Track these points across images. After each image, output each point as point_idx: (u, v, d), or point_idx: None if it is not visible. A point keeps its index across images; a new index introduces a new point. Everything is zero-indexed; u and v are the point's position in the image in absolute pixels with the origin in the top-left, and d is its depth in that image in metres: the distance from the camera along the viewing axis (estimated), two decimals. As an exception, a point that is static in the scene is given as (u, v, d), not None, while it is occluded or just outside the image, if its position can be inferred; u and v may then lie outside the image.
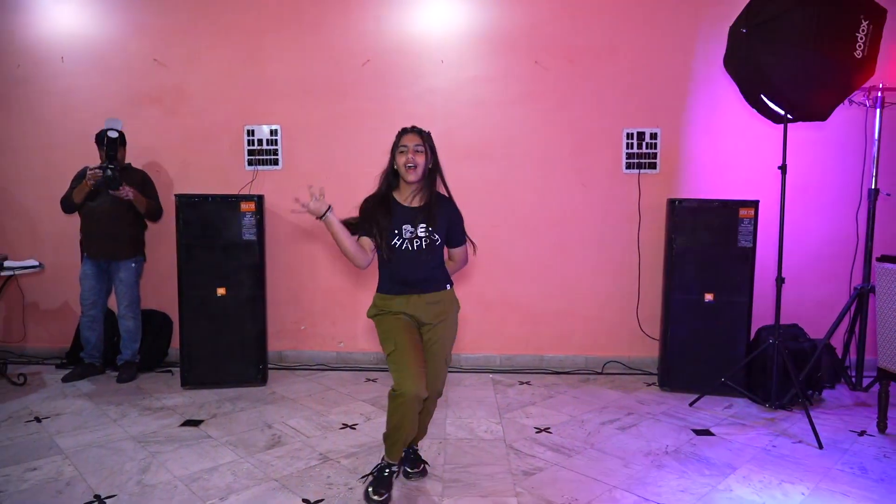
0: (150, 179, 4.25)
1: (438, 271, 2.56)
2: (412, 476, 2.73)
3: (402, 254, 2.46)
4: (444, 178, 2.55)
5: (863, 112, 4.07)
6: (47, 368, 4.43)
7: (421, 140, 2.46)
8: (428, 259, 2.49)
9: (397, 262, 2.47)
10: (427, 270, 2.51)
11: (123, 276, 4.13)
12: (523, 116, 4.39)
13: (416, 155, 2.44)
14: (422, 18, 4.37)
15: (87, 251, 4.11)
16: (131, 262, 4.16)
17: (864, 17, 3.05)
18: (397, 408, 2.41)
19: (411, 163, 2.43)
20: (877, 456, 2.99)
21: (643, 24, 4.28)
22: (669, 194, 4.27)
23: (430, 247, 2.48)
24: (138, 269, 4.22)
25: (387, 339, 2.49)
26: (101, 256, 4.09)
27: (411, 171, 2.44)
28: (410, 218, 2.47)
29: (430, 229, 2.46)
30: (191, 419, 3.45)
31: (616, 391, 4.00)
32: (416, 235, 2.46)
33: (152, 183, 4.25)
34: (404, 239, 2.46)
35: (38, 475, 2.74)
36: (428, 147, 2.47)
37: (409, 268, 2.48)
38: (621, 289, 4.44)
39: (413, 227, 2.46)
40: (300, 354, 4.61)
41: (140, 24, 4.48)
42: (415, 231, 2.46)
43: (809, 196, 4.29)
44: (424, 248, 2.47)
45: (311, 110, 4.45)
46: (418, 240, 2.46)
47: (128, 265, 4.14)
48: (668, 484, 2.69)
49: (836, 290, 4.30)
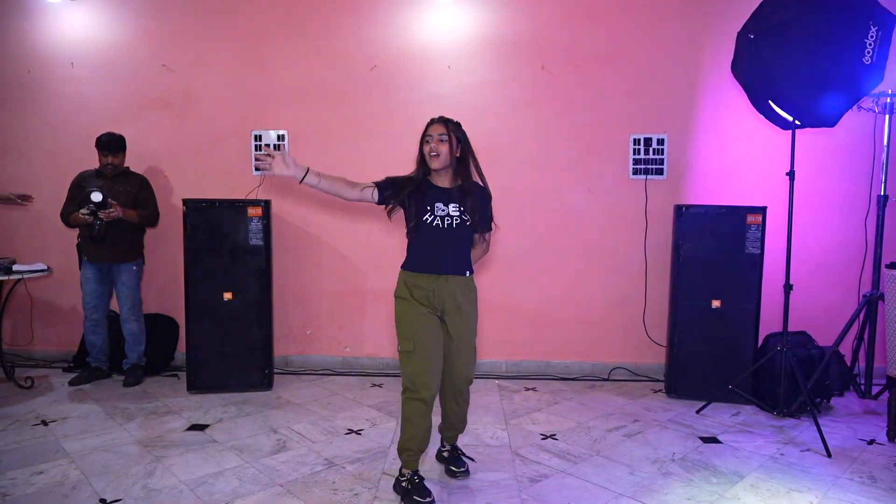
0: (149, 185, 4.25)
1: (465, 255, 2.64)
2: (458, 475, 2.77)
3: (434, 230, 2.53)
4: (478, 166, 2.64)
5: (871, 118, 4.05)
6: (54, 372, 4.45)
7: (445, 129, 2.55)
8: (458, 238, 2.57)
9: (428, 238, 2.54)
10: (456, 250, 2.59)
11: (125, 279, 4.14)
12: (530, 121, 4.39)
13: (440, 144, 2.53)
14: (428, 24, 4.38)
15: (86, 255, 4.11)
16: (132, 265, 4.17)
17: (872, 23, 3.04)
18: (414, 411, 2.47)
19: (434, 151, 2.53)
20: (886, 465, 2.96)
21: (650, 29, 4.28)
22: (676, 200, 4.25)
23: (462, 226, 2.56)
24: (139, 271, 4.23)
25: (405, 332, 2.53)
26: (102, 260, 4.10)
27: (434, 160, 2.54)
28: (444, 197, 2.57)
29: (462, 209, 2.55)
30: (196, 423, 3.45)
31: (622, 398, 3.98)
32: (448, 214, 2.54)
33: (150, 188, 4.25)
34: (436, 216, 2.53)
35: (44, 479, 2.75)
36: (455, 137, 2.56)
37: (435, 244, 2.55)
38: (628, 295, 4.42)
39: (445, 205, 2.55)
40: (306, 359, 4.62)
41: (149, 29, 4.51)
42: (447, 210, 2.54)
43: (818, 202, 4.27)
44: (455, 227, 2.55)
45: (318, 115, 4.47)
46: (450, 218, 2.54)
47: (129, 268, 4.15)
48: (675, 492, 2.67)
49: (845, 298, 4.27)
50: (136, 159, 4.51)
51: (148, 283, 4.61)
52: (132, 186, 4.13)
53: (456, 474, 2.78)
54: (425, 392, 2.46)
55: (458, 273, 2.59)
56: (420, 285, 2.55)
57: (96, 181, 4.08)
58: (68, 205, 4.09)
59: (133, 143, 4.50)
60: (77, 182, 4.14)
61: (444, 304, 2.57)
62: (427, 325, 2.52)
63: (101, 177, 4.11)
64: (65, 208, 4.10)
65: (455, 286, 2.58)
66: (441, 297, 2.55)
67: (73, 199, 4.06)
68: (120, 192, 4.07)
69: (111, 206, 3.89)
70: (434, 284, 2.54)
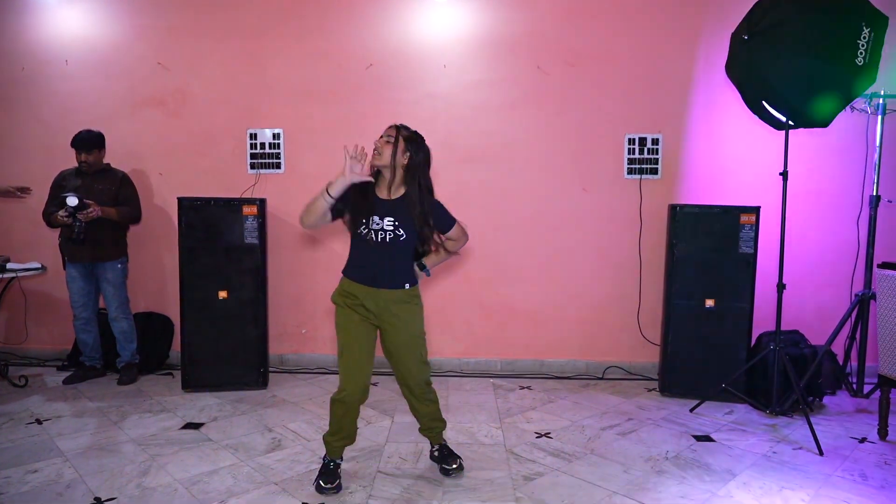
0: (129, 181, 4.21)
1: (402, 268, 2.60)
2: (451, 472, 2.79)
3: (366, 243, 2.51)
4: (423, 181, 2.53)
5: (864, 119, 4.08)
6: (48, 370, 4.43)
7: (395, 133, 2.52)
8: (390, 253, 2.53)
9: (360, 250, 2.56)
10: (387, 264, 2.55)
11: (110, 278, 4.12)
12: (525, 121, 4.40)
13: (385, 144, 2.51)
14: (424, 23, 4.38)
15: (68, 256, 4.08)
16: (116, 262, 4.15)
17: (865, 24, 3.05)
18: (336, 409, 2.59)
19: (377, 149, 2.52)
20: (877, 463, 2.99)
21: (645, 29, 4.30)
22: (671, 200, 4.28)
23: (394, 242, 2.51)
24: (124, 269, 4.21)
25: (338, 335, 2.60)
26: (84, 260, 4.07)
27: (375, 156, 2.52)
28: (381, 210, 2.52)
29: (397, 223, 2.50)
30: (191, 422, 3.45)
31: (617, 396, 4.00)
32: (381, 228, 2.50)
33: (131, 185, 4.21)
34: (371, 229, 2.50)
35: (38, 477, 2.74)
36: (403, 141, 2.50)
37: (369, 257, 2.54)
38: (622, 294, 4.44)
39: (381, 218, 2.51)
40: (301, 358, 4.62)
41: (144, 27, 4.50)
42: (381, 224, 2.50)
43: (811, 202, 4.29)
44: (388, 242, 2.51)
45: (313, 114, 4.46)
46: (383, 232, 2.50)
47: (114, 266, 4.13)
48: (668, 490, 2.68)
49: (837, 297, 4.30)
50: (130, 157, 4.51)
51: (142, 282, 4.60)
52: (112, 184, 4.10)
53: (449, 472, 2.79)
54: (347, 395, 2.54)
55: (395, 287, 2.57)
56: (354, 294, 2.57)
57: (76, 180, 4.06)
58: (49, 204, 4.07)
59: (128, 141, 4.51)
60: (57, 182, 4.12)
61: (380, 315, 2.57)
62: (355, 331, 2.57)
63: (81, 175, 4.08)
64: (46, 208, 4.08)
65: (390, 299, 2.56)
66: (377, 308, 2.55)
67: (55, 199, 4.04)
68: (99, 190, 4.05)
69: (89, 206, 3.87)
70: (367, 296, 2.55)
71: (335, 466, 2.68)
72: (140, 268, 4.57)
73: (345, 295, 2.60)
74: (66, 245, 4.05)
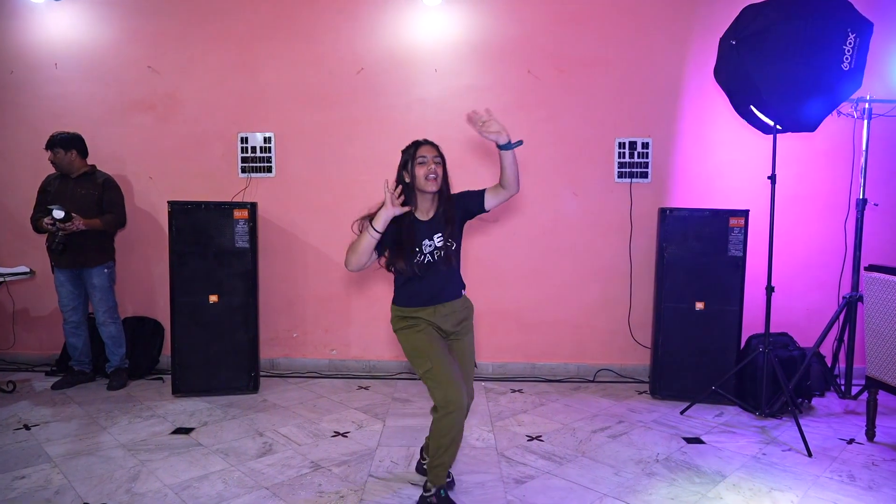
0: (113, 185, 4.17)
1: (456, 277, 2.60)
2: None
3: (425, 268, 2.48)
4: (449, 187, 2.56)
5: (851, 123, 4.12)
6: (37, 376, 4.39)
7: (437, 152, 2.48)
8: (447, 266, 2.52)
9: (419, 276, 2.48)
10: (447, 278, 2.54)
11: (97, 282, 4.10)
12: (516, 125, 4.35)
13: (437, 166, 2.44)
14: (415, 28, 4.40)
15: (55, 262, 4.05)
16: (103, 267, 4.12)
17: (850, 30, 3.10)
18: (452, 425, 2.38)
19: (433, 174, 2.42)
20: (865, 464, 3.02)
21: (635, 35, 4.33)
22: (661, 203, 4.30)
23: (447, 255, 2.50)
24: (111, 274, 4.19)
25: (418, 355, 2.46)
26: (70, 266, 4.04)
27: (432, 182, 2.43)
28: (427, 232, 2.48)
29: (445, 236, 2.49)
30: (181, 427, 3.43)
31: (607, 399, 4.01)
32: (434, 247, 2.48)
33: (115, 189, 4.17)
34: (425, 254, 2.47)
35: (26, 483, 2.72)
36: (443, 158, 2.50)
37: (428, 279, 2.50)
38: (613, 297, 4.46)
39: (430, 239, 2.48)
40: (292, 362, 4.60)
41: (134, 31, 4.49)
42: (433, 243, 2.48)
43: (798, 206, 4.33)
44: (444, 258, 2.50)
45: (305, 118, 4.46)
46: (438, 251, 2.48)
47: (100, 271, 4.11)
48: (659, 492, 2.70)
49: (825, 299, 4.34)
50: (120, 161, 4.50)
51: (132, 286, 4.58)
52: (94, 188, 4.07)
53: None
54: (458, 403, 2.36)
55: (456, 297, 2.58)
56: (416, 316, 2.52)
57: (60, 184, 4.03)
58: (36, 210, 4.05)
59: (118, 145, 4.50)
60: (43, 187, 4.10)
61: (447, 327, 2.55)
62: (434, 340, 2.49)
63: (64, 178, 4.06)
64: (34, 213, 4.06)
65: (453, 309, 2.56)
66: (443, 322, 2.53)
67: (41, 204, 4.03)
68: (82, 194, 4.03)
69: (74, 219, 3.86)
70: (434, 315, 2.52)
71: (446, 495, 2.49)
72: (128, 272, 4.55)
73: (406, 318, 2.53)
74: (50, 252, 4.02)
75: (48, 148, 4.00)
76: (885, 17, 4.05)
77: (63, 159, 4.03)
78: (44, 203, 4.00)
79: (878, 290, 3.18)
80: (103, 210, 4.08)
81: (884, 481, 2.82)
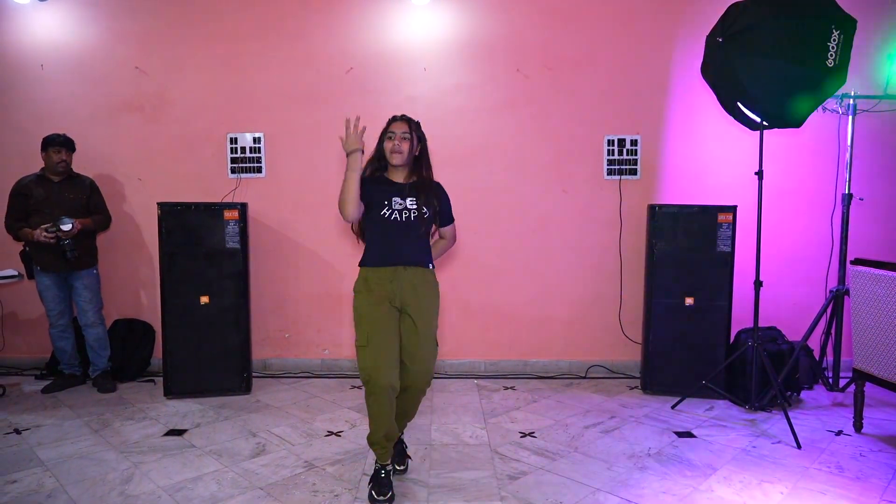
0: (98, 188, 4.18)
1: (425, 247, 2.66)
2: (398, 472, 2.79)
3: (391, 224, 2.56)
4: (429, 166, 2.71)
5: (836, 119, 4.17)
6: (26, 379, 4.36)
7: (408, 128, 2.61)
8: (415, 231, 2.58)
9: (385, 232, 2.57)
10: (413, 242, 2.59)
11: (87, 283, 4.07)
12: (505, 123, 4.43)
13: (402, 142, 2.59)
14: (404, 27, 4.40)
15: (40, 265, 3.99)
16: (92, 269, 4.11)
17: (835, 26, 3.13)
18: (371, 403, 2.48)
19: (397, 149, 2.58)
20: (853, 455, 3.06)
21: (622, 32, 4.35)
22: (650, 200, 4.33)
23: (419, 219, 2.57)
24: (98, 275, 4.17)
25: (361, 326, 2.53)
26: (60, 270, 4.00)
27: (396, 156, 2.59)
28: (400, 192, 2.60)
29: (418, 202, 2.58)
30: (174, 429, 3.42)
31: (599, 395, 4.04)
32: (405, 207, 2.57)
33: (100, 192, 4.18)
34: (394, 210, 2.56)
35: (18, 487, 2.70)
36: (416, 135, 2.62)
37: (393, 238, 2.57)
38: (604, 294, 4.49)
39: (402, 199, 2.58)
40: (284, 362, 4.60)
41: (121, 31, 4.46)
42: (404, 203, 2.57)
43: (785, 201, 4.38)
44: (413, 220, 2.57)
45: (294, 118, 4.45)
46: (407, 211, 2.57)
47: (89, 273, 4.08)
48: (651, 486, 2.72)
49: (813, 293, 4.39)
50: (108, 163, 4.48)
51: (123, 288, 4.56)
52: (82, 192, 4.06)
53: (397, 471, 2.78)
54: (383, 381, 2.41)
55: (420, 265, 2.61)
56: (380, 278, 2.56)
57: (45, 189, 3.98)
58: (13, 214, 3.99)
59: (105, 146, 4.47)
60: (19, 191, 4.01)
61: (405, 296, 2.56)
62: (382, 318, 2.51)
63: (45, 182, 4.01)
64: (9, 219, 4.00)
65: (415, 277, 2.58)
66: (402, 288, 2.55)
67: (19, 209, 3.97)
68: (70, 198, 4.01)
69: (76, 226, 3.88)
70: (394, 276, 2.55)
71: (386, 474, 2.58)
72: (117, 274, 4.53)
73: (370, 281, 2.58)
74: (39, 255, 3.97)
75: (53, 147, 3.96)
76: (868, 14, 4.09)
77: (69, 160, 4.04)
78: (24, 208, 3.95)
79: (864, 284, 3.22)
80: (90, 213, 4.08)
81: (871, 472, 2.86)
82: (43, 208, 3.94)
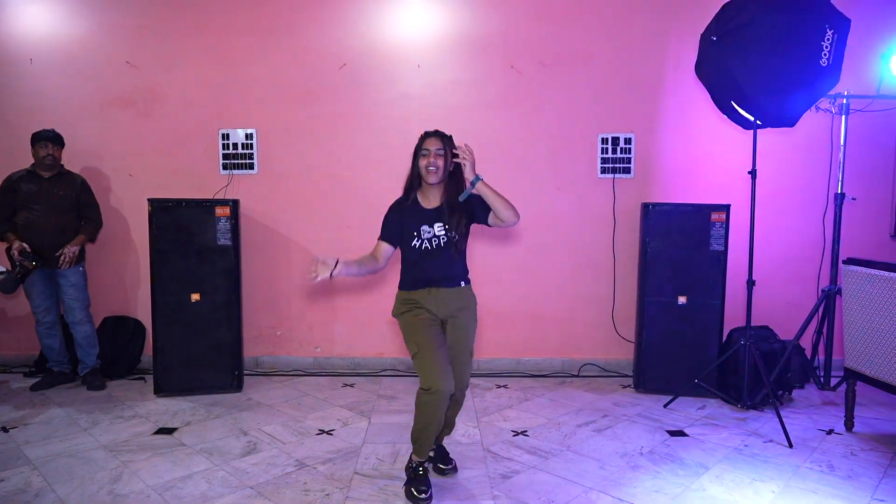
0: (89, 186, 4.14)
1: (457, 268, 2.68)
2: (446, 472, 2.80)
3: (421, 253, 2.60)
4: (462, 180, 2.64)
5: (829, 118, 4.17)
6: (14, 377, 4.32)
7: (442, 144, 2.58)
8: (446, 256, 2.61)
9: (416, 260, 2.62)
10: (444, 267, 2.63)
11: (74, 281, 4.03)
12: (499, 121, 4.42)
13: (437, 158, 2.56)
14: (398, 23, 4.37)
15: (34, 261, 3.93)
16: (79, 266, 4.06)
17: (828, 26, 3.14)
18: (427, 406, 2.49)
19: (432, 166, 2.56)
20: (844, 454, 3.07)
21: (617, 30, 4.35)
22: (643, 198, 4.33)
23: (448, 244, 2.60)
24: (85, 272, 4.13)
25: (409, 338, 2.60)
26: (48, 266, 3.95)
27: (432, 174, 2.57)
28: (429, 218, 2.61)
29: (447, 227, 2.59)
30: (164, 427, 3.40)
31: (592, 393, 4.04)
32: (433, 235, 2.59)
33: (91, 190, 4.14)
34: (423, 239, 2.58)
35: (5, 486, 2.68)
36: (449, 150, 2.58)
37: (428, 265, 2.61)
38: (597, 292, 4.48)
39: (430, 226, 2.60)
40: (276, 360, 4.57)
41: (112, 25, 4.41)
42: (432, 230, 2.59)
43: (778, 200, 4.39)
44: (442, 247, 2.59)
45: (287, 114, 4.42)
46: (436, 238, 2.59)
47: (76, 270, 4.04)
48: (643, 484, 2.72)
49: (805, 292, 4.40)
50: (98, 158, 4.43)
51: (112, 285, 4.52)
52: (72, 189, 4.02)
53: (444, 471, 2.81)
54: (440, 386, 2.44)
55: (452, 286, 2.65)
56: (416, 299, 2.63)
57: (34, 185, 3.94)
58: (2, 212, 3.94)
59: (96, 142, 4.43)
60: (8, 186, 3.97)
61: (441, 311, 2.63)
62: (427, 325, 2.58)
63: (35, 178, 3.97)
64: None
65: (448, 296, 2.63)
66: (437, 307, 2.61)
67: (7, 205, 3.93)
68: (60, 196, 3.97)
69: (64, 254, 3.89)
70: (427, 297, 2.61)
71: (425, 472, 2.61)
72: (107, 271, 4.49)
73: (405, 303, 2.65)
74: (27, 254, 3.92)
75: (41, 142, 3.92)
76: (861, 13, 4.09)
77: (57, 155, 3.99)
78: (13, 205, 3.91)
79: (856, 283, 3.23)
80: (80, 211, 4.04)
81: (862, 470, 2.87)
82: (32, 204, 3.90)
